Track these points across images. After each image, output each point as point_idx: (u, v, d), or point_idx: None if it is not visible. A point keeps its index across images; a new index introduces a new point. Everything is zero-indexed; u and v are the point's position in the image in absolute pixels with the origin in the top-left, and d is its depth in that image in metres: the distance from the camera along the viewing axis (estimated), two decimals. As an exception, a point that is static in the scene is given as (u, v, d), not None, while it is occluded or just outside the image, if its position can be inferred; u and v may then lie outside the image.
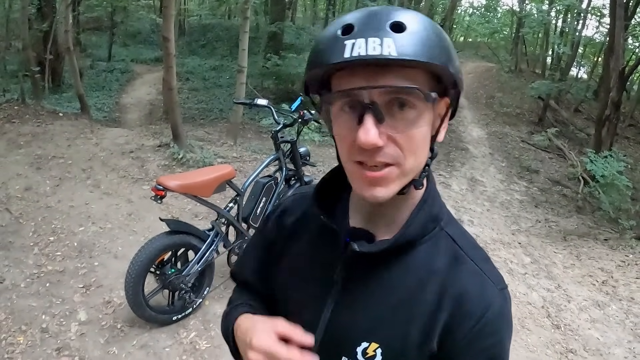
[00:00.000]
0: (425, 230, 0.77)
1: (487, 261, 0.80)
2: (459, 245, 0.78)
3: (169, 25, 5.62)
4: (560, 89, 13.36)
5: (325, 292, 0.82)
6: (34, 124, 5.96)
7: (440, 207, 0.81)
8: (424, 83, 0.68)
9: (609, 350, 3.69)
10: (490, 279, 0.76)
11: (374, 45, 0.62)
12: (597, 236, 6.33)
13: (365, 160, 0.69)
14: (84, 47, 14.42)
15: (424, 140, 0.71)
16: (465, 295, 0.74)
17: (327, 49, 0.66)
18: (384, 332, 0.76)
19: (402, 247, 0.76)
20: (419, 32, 0.65)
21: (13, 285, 3.17)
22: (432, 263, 0.76)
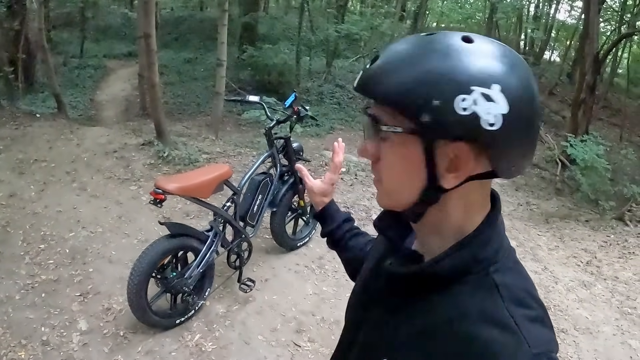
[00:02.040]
0: (465, 270, 0.72)
1: (534, 321, 0.71)
2: (502, 296, 0.70)
3: (150, 20, 5.49)
4: (534, 73, 13.56)
5: (370, 304, 0.87)
6: (11, 127, 5.79)
7: (496, 250, 0.74)
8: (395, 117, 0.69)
9: (598, 328, 3.81)
10: (526, 339, 0.67)
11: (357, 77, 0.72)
12: (578, 218, 6.50)
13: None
14: (55, 44, 14.02)
15: (397, 172, 0.73)
16: (490, 352, 0.66)
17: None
18: (401, 356, 0.75)
19: (435, 279, 0.73)
20: (380, 67, 0.69)
21: (7, 298, 3.09)
22: (465, 307, 0.71)
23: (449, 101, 0.63)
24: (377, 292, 0.85)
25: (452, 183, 0.69)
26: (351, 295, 0.99)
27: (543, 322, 0.72)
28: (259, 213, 3.44)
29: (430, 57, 0.66)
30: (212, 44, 13.40)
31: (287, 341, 3.01)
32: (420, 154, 0.68)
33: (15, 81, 7.51)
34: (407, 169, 0.71)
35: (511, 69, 0.66)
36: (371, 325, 0.84)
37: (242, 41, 12.76)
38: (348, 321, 0.97)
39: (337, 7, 13.92)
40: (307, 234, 4.12)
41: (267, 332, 3.02)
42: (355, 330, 0.89)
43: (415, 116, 0.64)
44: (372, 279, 0.91)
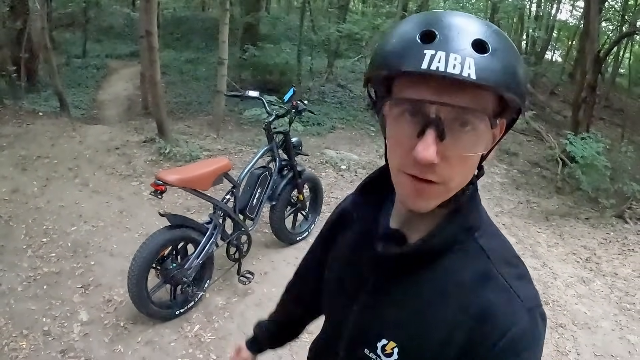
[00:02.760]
0: (454, 240, 0.76)
1: (521, 278, 0.76)
2: (490, 259, 0.75)
3: (152, 19, 5.55)
4: (536, 73, 13.60)
5: (356, 289, 0.86)
6: (14, 125, 5.84)
7: (478, 218, 0.79)
8: (491, 106, 0.67)
9: (596, 324, 3.82)
10: (519, 296, 0.72)
11: (454, 63, 0.60)
12: (578, 215, 6.50)
13: (416, 173, 0.67)
14: (57, 44, 14.08)
15: (476, 162, 0.72)
16: (488, 312, 0.70)
17: (403, 53, 0.64)
18: (402, 333, 0.77)
19: (428, 254, 0.76)
20: (500, 57, 0.63)
21: (10, 290, 3.14)
22: (458, 275, 0.74)
23: (525, 93, 0.69)
24: (362, 274, 0.85)
25: (492, 155, 0.75)
26: (327, 285, 0.98)
27: (528, 279, 0.77)
28: (258, 206, 3.47)
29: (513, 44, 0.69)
30: (213, 43, 13.44)
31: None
32: (489, 137, 0.70)
33: (18, 80, 7.59)
34: (477, 154, 0.70)
35: None
36: (360, 309, 0.85)
37: (244, 41, 12.79)
38: (332, 310, 0.96)
39: (339, 7, 13.95)
40: (307, 228, 4.15)
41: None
42: (342, 317, 0.88)
43: (524, 103, 0.68)
44: (352, 262, 0.90)
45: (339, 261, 0.95)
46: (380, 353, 0.78)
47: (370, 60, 0.72)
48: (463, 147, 0.66)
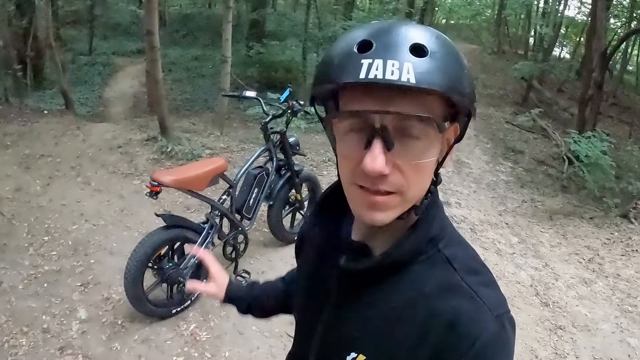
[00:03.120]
0: (418, 251, 0.75)
1: (487, 286, 0.75)
2: (455, 268, 0.74)
3: (153, 18, 5.59)
4: (543, 70, 13.50)
5: (322, 302, 0.85)
6: (19, 123, 5.90)
7: (442, 229, 0.78)
8: (438, 111, 0.66)
9: (596, 326, 3.80)
10: (486, 303, 0.71)
11: (392, 69, 0.60)
12: (582, 215, 6.47)
13: (368, 185, 0.67)
14: (64, 42, 14.18)
15: (430, 169, 0.71)
16: (455, 321, 0.70)
17: (341, 65, 0.64)
18: (370, 345, 0.76)
19: (392, 266, 0.75)
20: (440, 59, 0.63)
21: (11, 287, 3.19)
22: (423, 286, 0.74)
23: (472, 92, 0.69)
24: (327, 292, 0.84)
25: (449, 162, 0.75)
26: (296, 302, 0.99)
27: (494, 286, 0.77)
28: (255, 206, 3.49)
29: (456, 47, 0.69)
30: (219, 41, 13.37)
31: (281, 332, 3.06)
32: (440, 143, 0.70)
33: (24, 78, 7.65)
34: (433, 163, 0.70)
35: None
36: (327, 324, 0.84)
37: (250, 38, 12.81)
38: (301, 325, 0.96)
39: (345, 4, 13.93)
40: (305, 227, 4.16)
41: (261, 323, 3.06)
42: (311, 332, 0.88)
43: (472, 105, 0.69)
44: (316, 277, 0.89)
45: (304, 279, 0.95)
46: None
47: (314, 76, 0.71)
48: (413, 154, 0.66)
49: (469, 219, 5.57)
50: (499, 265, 4.48)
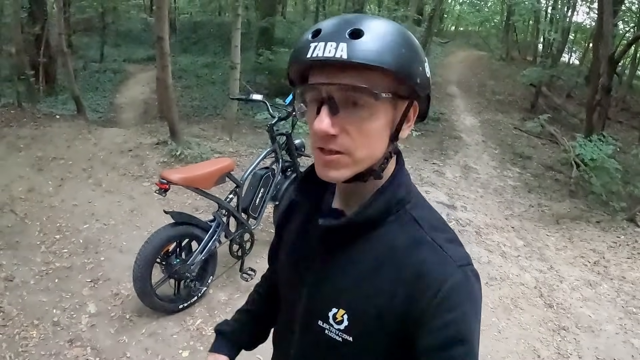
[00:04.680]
0: (387, 211, 0.85)
1: (451, 242, 0.85)
2: (421, 226, 0.84)
3: (163, 25, 5.71)
4: (551, 76, 13.48)
5: (306, 267, 0.94)
6: (32, 127, 6.03)
7: (408, 192, 0.89)
8: (381, 85, 0.76)
9: (600, 327, 3.80)
10: (450, 256, 0.80)
11: (329, 49, 0.73)
12: (589, 219, 6.46)
13: (322, 146, 0.79)
14: (75, 49, 14.40)
15: (377, 135, 0.80)
16: (422, 271, 0.79)
17: (299, 50, 0.78)
18: (348, 300, 0.85)
19: (365, 225, 0.85)
20: (375, 39, 0.74)
21: (23, 283, 3.28)
22: (393, 241, 0.83)
23: (424, 67, 0.81)
24: (310, 252, 0.93)
25: (406, 133, 0.85)
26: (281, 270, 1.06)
27: (458, 242, 0.86)
28: (261, 206, 3.56)
29: (406, 33, 0.80)
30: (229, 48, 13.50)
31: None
32: (393, 114, 0.81)
33: (36, 84, 7.79)
34: (381, 130, 0.80)
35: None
36: (311, 285, 0.92)
37: (259, 45, 12.94)
38: (286, 292, 1.03)
39: (354, 11, 14.02)
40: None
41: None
42: (296, 297, 0.95)
43: (413, 81, 0.78)
44: (300, 242, 0.99)
45: (289, 245, 1.03)
46: (332, 322, 0.86)
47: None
48: (357, 119, 0.77)
49: (475, 222, 5.59)
50: (503, 267, 4.51)
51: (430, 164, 7.71)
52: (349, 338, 0.84)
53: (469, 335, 0.77)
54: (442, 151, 8.71)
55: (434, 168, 7.54)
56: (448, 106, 12.33)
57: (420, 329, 0.77)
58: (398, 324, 0.80)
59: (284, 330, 1.04)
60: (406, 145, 8.28)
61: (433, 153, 8.42)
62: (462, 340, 0.76)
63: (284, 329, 1.04)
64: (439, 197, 6.10)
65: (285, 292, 1.05)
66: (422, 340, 0.77)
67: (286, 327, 1.01)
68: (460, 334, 0.76)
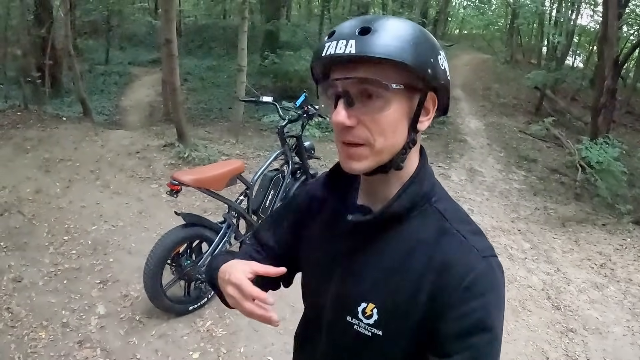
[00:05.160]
0: (414, 205, 0.88)
1: (475, 234, 0.88)
2: (447, 219, 0.87)
3: (171, 27, 5.74)
4: (556, 79, 13.44)
5: (334, 262, 0.96)
6: (38, 129, 6.05)
7: (432, 186, 0.92)
8: (393, 77, 0.79)
9: (608, 329, 3.80)
10: (475, 247, 0.84)
11: (340, 46, 0.78)
12: (595, 222, 6.44)
13: (342, 139, 0.83)
14: (81, 52, 14.46)
15: (394, 125, 0.82)
16: (448, 261, 0.82)
17: (317, 50, 0.83)
18: (378, 294, 0.87)
19: (392, 219, 0.87)
20: (383, 35, 0.78)
21: (31, 284, 3.29)
22: (420, 234, 0.86)
23: (437, 60, 0.83)
24: (337, 248, 0.95)
25: (425, 125, 0.87)
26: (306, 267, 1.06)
27: (482, 235, 0.89)
28: (271, 207, 3.57)
29: (417, 28, 0.83)
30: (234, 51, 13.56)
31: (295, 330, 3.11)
32: (409, 105, 0.83)
33: (42, 86, 7.81)
34: (397, 120, 0.82)
35: None
36: (339, 280, 0.94)
37: (264, 48, 12.97)
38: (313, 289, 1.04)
39: (359, 14, 14.06)
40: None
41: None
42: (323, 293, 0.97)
43: (424, 71, 0.80)
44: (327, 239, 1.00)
45: (314, 241, 1.04)
46: (361, 317, 0.88)
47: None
48: (371, 110, 0.80)
49: (481, 225, 5.58)
50: (511, 270, 4.50)
51: (436, 167, 7.70)
52: (379, 332, 0.86)
53: (491, 323, 0.79)
54: (447, 154, 8.71)
55: (439, 171, 7.53)
56: (453, 109, 12.32)
57: (444, 317, 0.80)
58: (425, 314, 0.82)
59: (309, 330, 1.05)
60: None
61: (438, 156, 8.42)
62: (484, 328, 0.79)
63: (309, 328, 1.05)
64: (445, 200, 6.09)
65: (310, 290, 1.06)
66: (445, 327, 0.80)
67: (311, 327, 1.02)
68: (483, 322, 0.79)
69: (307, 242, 1.06)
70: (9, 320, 2.93)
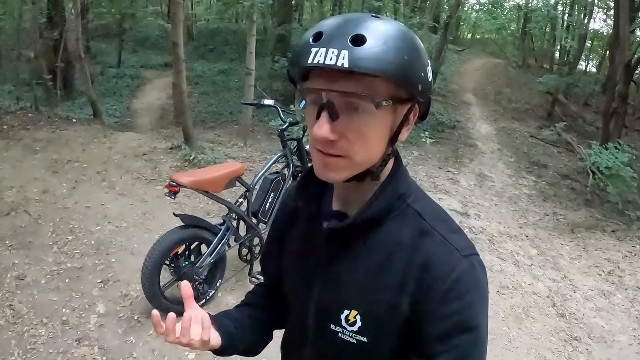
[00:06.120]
0: (390, 208, 0.86)
1: (455, 232, 0.86)
2: (424, 218, 0.85)
3: (178, 31, 5.79)
4: (568, 83, 13.32)
5: (314, 271, 0.93)
6: (48, 130, 6.12)
7: (408, 187, 0.89)
8: (382, 91, 0.75)
9: (613, 338, 3.75)
10: (454, 246, 0.82)
11: (331, 56, 0.71)
12: (604, 228, 6.36)
13: (321, 148, 0.79)
14: (93, 54, 14.62)
15: (377, 139, 0.80)
16: (429, 262, 0.80)
17: (300, 53, 0.76)
18: (360, 300, 0.85)
19: (369, 223, 0.85)
20: (377, 47, 0.72)
21: (34, 282, 3.34)
22: (399, 236, 0.84)
23: (426, 72, 0.80)
24: (316, 256, 0.93)
25: (405, 135, 0.84)
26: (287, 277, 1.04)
27: (461, 232, 0.88)
28: (271, 210, 3.57)
29: (409, 36, 0.79)
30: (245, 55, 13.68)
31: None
32: (394, 119, 0.80)
33: (54, 88, 7.91)
34: (381, 133, 0.80)
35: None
36: (320, 289, 0.92)
37: (275, 52, 13.02)
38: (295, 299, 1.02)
39: (370, 18, 14.01)
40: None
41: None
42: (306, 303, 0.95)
43: (415, 88, 0.78)
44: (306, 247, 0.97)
45: (294, 251, 1.02)
46: (345, 325, 0.86)
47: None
48: (356, 125, 0.77)
49: (488, 230, 5.55)
50: (516, 276, 4.46)
51: (445, 172, 7.67)
52: (364, 339, 0.85)
53: (475, 323, 0.79)
54: (457, 159, 8.66)
55: (448, 176, 7.50)
56: (464, 114, 12.26)
57: (427, 318, 0.79)
58: (408, 316, 0.81)
59: (295, 337, 1.03)
60: (421, 153, 8.25)
61: (448, 161, 8.38)
62: (468, 328, 0.78)
63: (295, 336, 1.03)
64: (452, 205, 6.06)
65: (293, 298, 1.04)
66: (429, 328, 0.79)
67: (297, 334, 1.00)
68: (467, 322, 0.78)
69: (287, 253, 1.05)
70: (10, 317, 2.97)
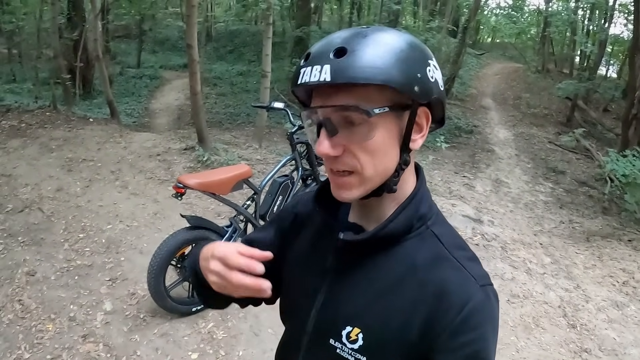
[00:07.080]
0: (409, 227, 0.82)
1: (472, 260, 0.83)
2: (443, 243, 0.82)
3: (193, 32, 5.85)
4: (588, 89, 13.12)
5: (319, 281, 0.89)
6: (65, 129, 6.23)
7: (429, 208, 0.86)
8: (377, 98, 0.74)
9: (625, 351, 3.66)
10: (472, 275, 0.79)
11: (315, 73, 0.72)
12: (621, 237, 6.24)
13: (331, 167, 0.79)
14: (113, 55, 14.84)
15: (382, 149, 0.77)
16: (445, 290, 0.77)
17: (294, 75, 0.77)
18: (365, 318, 0.81)
19: (386, 240, 0.82)
20: (361, 55, 0.71)
21: (44, 278, 3.39)
22: (414, 258, 0.81)
23: (425, 73, 0.77)
24: (323, 267, 0.89)
25: (419, 143, 0.82)
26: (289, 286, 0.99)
27: (478, 261, 0.85)
28: (279, 213, 3.57)
29: (399, 40, 0.77)
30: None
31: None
32: (398, 125, 0.78)
33: (73, 88, 8.04)
34: (386, 143, 0.77)
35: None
36: (324, 300, 0.88)
37: (294, 54, 13.07)
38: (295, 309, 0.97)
39: (389, 21, 14.02)
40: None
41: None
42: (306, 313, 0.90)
43: (410, 90, 0.75)
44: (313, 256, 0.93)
45: (299, 259, 0.98)
46: (345, 341, 0.82)
47: None
48: (357, 137, 0.75)
49: (501, 237, 5.47)
50: (527, 285, 4.38)
51: (461, 177, 7.61)
52: (363, 358, 0.81)
53: (486, 355, 0.76)
54: (473, 164, 8.59)
55: (464, 181, 7.43)
56: (482, 119, 12.16)
57: (439, 347, 0.75)
58: (417, 343, 0.77)
59: (290, 348, 0.98)
60: (437, 158, 8.20)
61: (464, 166, 8.31)
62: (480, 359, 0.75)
63: (290, 347, 0.98)
64: (465, 211, 6.00)
65: (292, 308, 0.99)
66: (439, 357, 0.76)
67: (292, 346, 0.95)
68: (479, 354, 0.75)
69: (292, 262, 1.00)
70: (19, 311, 3.03)
